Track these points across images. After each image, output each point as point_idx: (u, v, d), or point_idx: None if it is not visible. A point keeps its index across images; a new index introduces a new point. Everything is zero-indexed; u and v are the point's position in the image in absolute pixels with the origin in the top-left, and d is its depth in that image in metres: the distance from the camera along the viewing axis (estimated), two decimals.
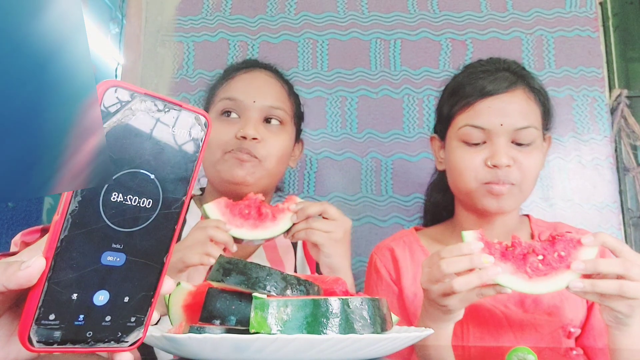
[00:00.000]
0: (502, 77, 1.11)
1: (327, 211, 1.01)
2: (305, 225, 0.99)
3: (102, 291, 0.40)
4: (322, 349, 0.60)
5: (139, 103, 0.40)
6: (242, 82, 1.16)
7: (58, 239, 0.38)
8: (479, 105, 1.10)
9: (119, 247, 0.40)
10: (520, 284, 0.85)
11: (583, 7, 1.71)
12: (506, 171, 1.06)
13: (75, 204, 0.38)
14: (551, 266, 0.86)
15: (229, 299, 0.69)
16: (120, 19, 1.89)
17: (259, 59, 1.28)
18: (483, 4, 1.73)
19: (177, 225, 0.44)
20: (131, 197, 0.40)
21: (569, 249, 0.86)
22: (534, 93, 1.13)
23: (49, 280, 0.38)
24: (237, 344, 0.59)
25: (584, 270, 0.84)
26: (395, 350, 0.69)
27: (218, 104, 1.14)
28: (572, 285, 0.84)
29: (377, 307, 0.68)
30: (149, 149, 0.41)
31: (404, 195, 1.63)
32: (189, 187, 0.44)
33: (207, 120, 0.44)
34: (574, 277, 0.84)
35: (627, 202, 1.63)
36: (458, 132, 1.12)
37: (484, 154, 1.08)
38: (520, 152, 1.08)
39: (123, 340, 0.42)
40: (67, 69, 0.32)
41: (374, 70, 1.71)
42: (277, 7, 1.77)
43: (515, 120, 1.07)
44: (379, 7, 1.75)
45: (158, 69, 1.74)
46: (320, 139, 1.67)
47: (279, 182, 1.28)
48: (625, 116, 1.67)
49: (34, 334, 0.38)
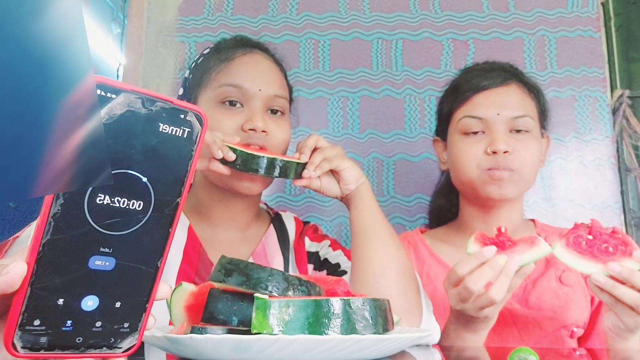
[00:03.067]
0: (496, 74, 1.18)
1: (320, 140, 1.04)
2: (320, 155, 1.01)
3: (91, 296, 0.39)
4: (323, 350, 0.60)
5: (124, 100, 0.38)
6: (244, 66, 1.07)
7: (40, 243, 0.36)
8: (476, 98, 1.16)
9: (107, 251, 0.39)
10: (562, 252, 0.88)
11: (585, 8, 1.71)
12: (505, 157, 1.10)
13: (58, 207, 0.36)
14: (592, 252, 0.87)
15: (230, 300, 0.69)
16: (122, 19, 1.89)
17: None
18: (485, 5, 1.73)
19: (171, 229, 0.42)
20: (119, 199, 0.39)
21: (618, 251, 0.86)
22: (528, 89, 1.19)
23: (32, 285, 0.36)
24: (239, 345, 0.58)
25: (618, 273, 0.83)
26: (396, 351, 0.69)
27: (218, 90, 1.05)
28: (595, 277, 0.85)
29: (379, 308, 0.68)
30: (137, 148, 0.39)
31: (406, 195, 1.63)
32: (183, 187, 0.41)
33: (202, 116, 0.42)
34: (601, 271, 0.85)
35: (628, 203, 1.63)
36: (457, 125, 1.17)
37: (484, 143, 1.13)
38: (517, 140, 1.12)
39: (116, 346, 0.41)
40: (67, 69, 0.32)
41: (376, 71, 1.71)
42: (278, 7, 1.77)
43: (511, 110, 1.12)
44: (381, 8, 1.75)
45: (160, 69, 1.74)
46: None
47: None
48: (627, 116, 1.67)
49: (17, 339, 0.36)
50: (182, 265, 1.02)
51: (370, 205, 1.04)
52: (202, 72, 1.09)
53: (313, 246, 1.15)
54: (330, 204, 1.64)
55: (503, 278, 0.85)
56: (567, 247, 0.88)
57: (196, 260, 1.04)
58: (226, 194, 1.09)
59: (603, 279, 0.84)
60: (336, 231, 1.62)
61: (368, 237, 1.00)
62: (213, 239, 1.10)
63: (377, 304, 0.68)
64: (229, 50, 1.11)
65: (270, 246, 1.14)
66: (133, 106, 0.38)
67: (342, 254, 1.13)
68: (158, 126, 0.40)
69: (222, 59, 1.09)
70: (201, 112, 0.42)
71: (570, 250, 0.88)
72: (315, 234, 1.19)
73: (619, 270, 0.83)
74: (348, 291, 0.80)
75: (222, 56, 1.09)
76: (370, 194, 1.05)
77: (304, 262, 1.13)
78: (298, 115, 1.25)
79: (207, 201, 1.11)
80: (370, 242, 1.00)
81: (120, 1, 2.04)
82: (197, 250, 1.06)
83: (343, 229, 1.62)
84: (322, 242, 1.16)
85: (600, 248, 0.87)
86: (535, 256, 0.86)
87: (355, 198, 1.04)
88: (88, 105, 0.33)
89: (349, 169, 1.02)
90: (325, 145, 1.04)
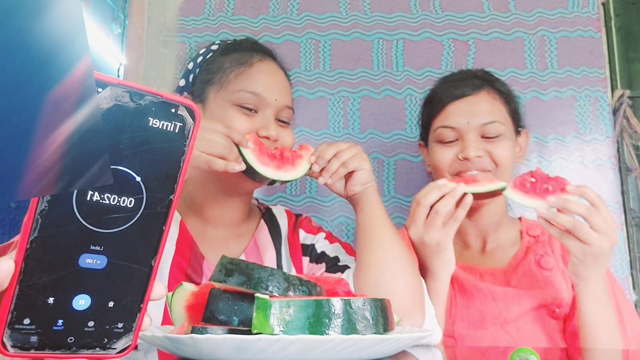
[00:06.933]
0: (468, 83, 1.26)
1: (340, 146, 1.03)
2: (338, 162, 1.01)
3: (82, 295, 0.38)
4: (324, 350, 0.60)
5: (111, 93, 0.37)
6: (263, 74, 1.09)
7: (27, 240, 0.36)
8: (448, 108, 1.24)
9: (98, 249, 0.38)
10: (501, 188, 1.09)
11: (585, 8, 1.71)
12: (477, 161, 1.18)
13: (45, 204, 0.36)
14: (535, 191, 1.06)
15: (231, 300, 0.69)
16: (123, 19, 1.90)
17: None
18: (485, 5, 1.73)
19: (165, 226, 0.41)
20: (109, 195, 0.38)
21: (557, 189, 1.04)
22: (499, 94, 1.26)
23: (21, 284, 0.36)
24: (240, 345, 0.59)
25: (555, 203, 1.01)
26: (397, 351, 0.69)
27: (237, 94, 1.05)
28: (539, 211, 1.02)
29: (380, 308, 0.68)
30: (126, 143, 0.38)
31: (406, 195, 1.63)
32: (176, 184, 0.40)
33: (195, 110, 0.40)
34: (543, 206, 1.03)
35: (629, 203, 1.63)
36: (434, 134, 1.26)
37: (456, 150, 1.22)
38: (489, 144, 1.20)
39: (110, 347, 0.40)
40: (67, 69, 0.32)
41: (377, 71, 1.71)
42: (279, 7, 1.77)
43: (480, 117, 1.20)
44: (382, 8, 1.75)
45: (160, 69, 1.74)
46: (322, 140, 1.67)
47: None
48: (627, 117, 1.67)
49: (7, 338, 0.36)
50: (175, 258, 1.03)
51: (377, 208, 1.04)
52: (215, 71, 1.10)
53: (308, 238, 1.15)
54: (330, 204, 1.64)
55: (449, 197, 1.06)
56: (514, 188, 1.08)
57: (188, 253, 1.05)
58: (221, 192, 1.10)
59: (545, 209, 1.02)
60: (337, 231, 1.62)
61: (374, 239, 1.01)
62: (205, 236, 1.10)
63: (377, 304, 0.68)
64: (246, 54, 1.12)
65: (262, 241, 1.14)
66: (120, 100, 0.37)
67: (339, 246, 1.13)
68: (148, 121, 0.38)
69: (241, 62, 1.10)
70: (193, 106, 0.41)
71: (517, 190, 1.07)
72: (310, 225, 1.19)
73: (555, 201, 1.01)
74: (349, 291, 0.80)
75: (239, 58, 1.10)
76: (377, 197, 1.05)
77: (299, 254, 1.13)
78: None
79: (200, 198, 1.11)
80: (376, 244, 1.00)
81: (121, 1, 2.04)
82: (189, 245, 1.06)
83: (344, 229, 1.62)
84: (318, 234, 1.16)
85: (542, 188, 1.05)
86: (488, 189, 1.09)
87: (362, 201, 1.05)
88: (88, 105, 0.33)
89: (363, 172, 1.03)
90: (343, 148, 1.03)
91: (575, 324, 1.13)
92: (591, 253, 1.00)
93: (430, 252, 1.09)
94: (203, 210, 1.11)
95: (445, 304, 1.12)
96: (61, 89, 0.31)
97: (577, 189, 1.02)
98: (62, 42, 0.31)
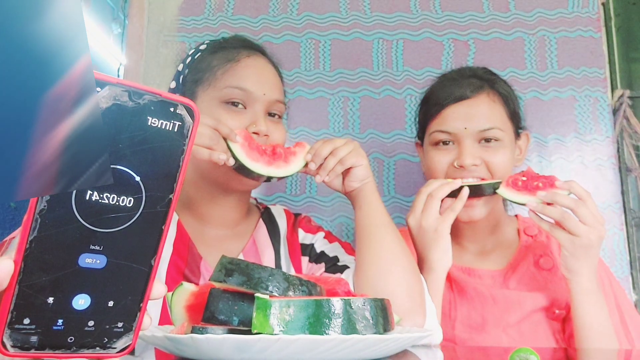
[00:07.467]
0: (467, 84, 1.22)
1: (337, 143, 1.02)
2: (334, 159, 0.99)
3: (82, 295, 0.38)
4: (324, 350, 0.60)
5: (110, 93, 0.37)
6: (249, 69, 1.08)
7: (27, 240, 0.36)
8: (446, 112, 1.20)
9: (98, 248, 0.38)
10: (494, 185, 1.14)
11: (585, 8, 1.71)
12: (473, 169, 1.17)
13: (44, 203, 0.35)
14: (527, 188, 1.10)
15: (231, 300, 0.69)
16: (123, 19, 1.90)
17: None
18: (485, 5, 1.73)
19: (164, 226, 0.40)
20: (108, 195, 0.38)
21: (547, 186, 1.09)
22: (498, 96, 1.22)
23: (20, 283, 0.36)
24: (240, 345, 0.58)
25: (545, 197, 1.06)
26: (397, 351, 0.69)
27: (224, 91, 1.05)
28: (529, 204, 1.07)
29: (380, 308, 0.68)
30: (125, 142, 0.38)
31: (407, 195, 1.63)
32: (176, 183, 0.40)
33: (194, 109, 0.40)
34: (534, 201, 1.08)
35: (629, 203, 1.63)
36: (430, 137, 1.23)
37: (452, 156, 1.19)
38: (487, 150, 1.18)
39: (110, 347, 0.40)
40: (66, 68, 0.32)
41: (377, 71, 1.71)
42: (279, 7, 1.77)
43: (478, 123, 1.17)
44: (382, 8, 1.75)
45: (160, 69, 1.74)
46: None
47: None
48: (627, 117, 1.67)
49: (7, 338, 0.36)
50: (173, 258, 1.02)
51: (376, 205, 1.03)
52: (203, 70, 1.10)
53: (307, 238, 1.15)
54: (330, 204, 1.64)
55: (445, 185, 1.12)
56: (507, 186, 1.13)
57: (186, 253, 1.04)
58: (217, 191, 1.09)
59: (535, 203, 1.07)
60: (337, 231, 1.62)
61: (373, 238, 1.00)
62: (203, 236, 1.09)
63: (377, 303, 0.68)
64: (233, 51, 1.11)
65: (260, 241, 1.13)
66: (119, 99, 0.37)
67: (339, 246, 1.13)
68: (147, 120, 0.38)
69: (228, 59, 1.09)
70: (192, 105, 0.41)
71: (509, 188, 1.12)
72: (309, 225, 1.18)
73: (544, 195, 1.06)
74: (349, 291, 0.80)
75: (226, 55, 1.10)
76: (375, 194, 1.04)
77: (298, 254, 1.13)
78: (289, 118, 1.25)
79: (198, 198, 1.11)
80: (376, 243, 0.99)
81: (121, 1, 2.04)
82: (187, 245, 1.06)
83: (344, 229, 1.62)
84: (317, 233, 1.15)
85: (532, 185, 1.10)
86: (484, 182, 1.14)
87: (360, 197, 1.04)
88: (88, 104, 0.33)
89: (360, 168, 1.01)
90: (340, 145, 1.02)
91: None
92: (581, 245, 1.02)
93: (428, 239, 1.11)
94: (200, 209, 1.11)
95: (441, 301, 1.12)
96: (60, 88, 0.31)
97: (565, 183, 1.06)
98: (61, 41, 0.31)
